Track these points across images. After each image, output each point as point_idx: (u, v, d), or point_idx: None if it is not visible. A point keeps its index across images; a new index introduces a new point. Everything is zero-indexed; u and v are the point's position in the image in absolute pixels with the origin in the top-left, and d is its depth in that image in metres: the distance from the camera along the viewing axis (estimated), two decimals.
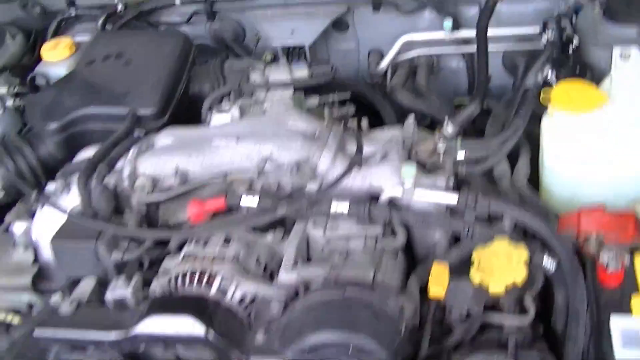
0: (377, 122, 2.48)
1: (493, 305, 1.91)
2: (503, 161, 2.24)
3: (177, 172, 2.14)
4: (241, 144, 2.15)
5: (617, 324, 1.70)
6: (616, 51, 2.24)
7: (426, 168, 2.15)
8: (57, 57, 2.74)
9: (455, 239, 2.06)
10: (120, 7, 3.01)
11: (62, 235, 2.05)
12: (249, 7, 2.99)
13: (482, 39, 2.43)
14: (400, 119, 2.42)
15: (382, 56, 2.99)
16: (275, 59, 2.89)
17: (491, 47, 2.54)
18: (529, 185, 2.19)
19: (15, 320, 2.07)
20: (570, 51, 2.41)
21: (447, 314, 1.93)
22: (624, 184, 2.06)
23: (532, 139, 2.26)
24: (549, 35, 2.45)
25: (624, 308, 1.73)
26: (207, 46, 2.99)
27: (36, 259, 2.20)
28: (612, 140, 2.07)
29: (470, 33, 2.75)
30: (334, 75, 2.62)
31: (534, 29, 2.72)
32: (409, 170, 2.01)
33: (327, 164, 2.11)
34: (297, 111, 2.35)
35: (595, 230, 1.87)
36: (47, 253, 2.16)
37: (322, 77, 2.58)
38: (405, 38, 2.90)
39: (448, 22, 2.83)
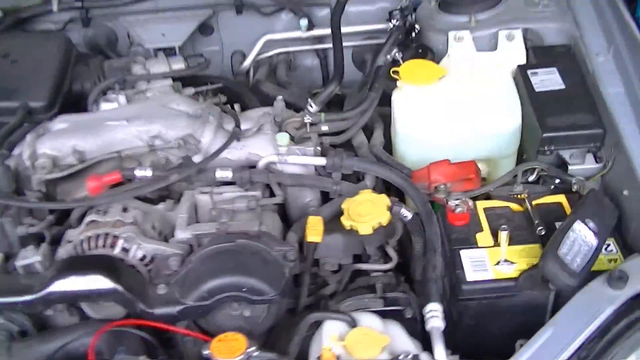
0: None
1: (361, 256, 2.18)
2: (360, 133, 2.46)
3: (74, 152, 2.25)
4: (132, 125, 2.30)
5: (466, 254, 2.00)
6: (451, 35, 2.50)
7: (295, 140, 2.36)
8: None
9: (325, 199, 2.29)
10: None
11: None
12: (122, 13, 3.09)
13: (336, 28, 2.65)
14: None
15: (244, 56, 3.17)
16: None
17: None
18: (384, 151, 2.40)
19: None
20: (413, 36, 2.68)
21: (321, 268, 2.18)
22: (463, 143, 2.31)
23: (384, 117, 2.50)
24: (394, 22, 2.67)
25: (471, 242, 2.02)
26: (83, 53, 2.98)
27: None
28: (451, 107, 2.33)
29: (323, 31, 3.04)
30: (208, 65, 2.80)
31: (379, 27, 2.98)
32: (283, 137, 2.24)
33: (210, 138, 2.31)
34: (179, 95, 2.53)
35: (443, 180, 2.14)
36: None
37: (198, 67, 2.75)
38: (266, 38, 3.10)
39: (304, 21, 3.05)
